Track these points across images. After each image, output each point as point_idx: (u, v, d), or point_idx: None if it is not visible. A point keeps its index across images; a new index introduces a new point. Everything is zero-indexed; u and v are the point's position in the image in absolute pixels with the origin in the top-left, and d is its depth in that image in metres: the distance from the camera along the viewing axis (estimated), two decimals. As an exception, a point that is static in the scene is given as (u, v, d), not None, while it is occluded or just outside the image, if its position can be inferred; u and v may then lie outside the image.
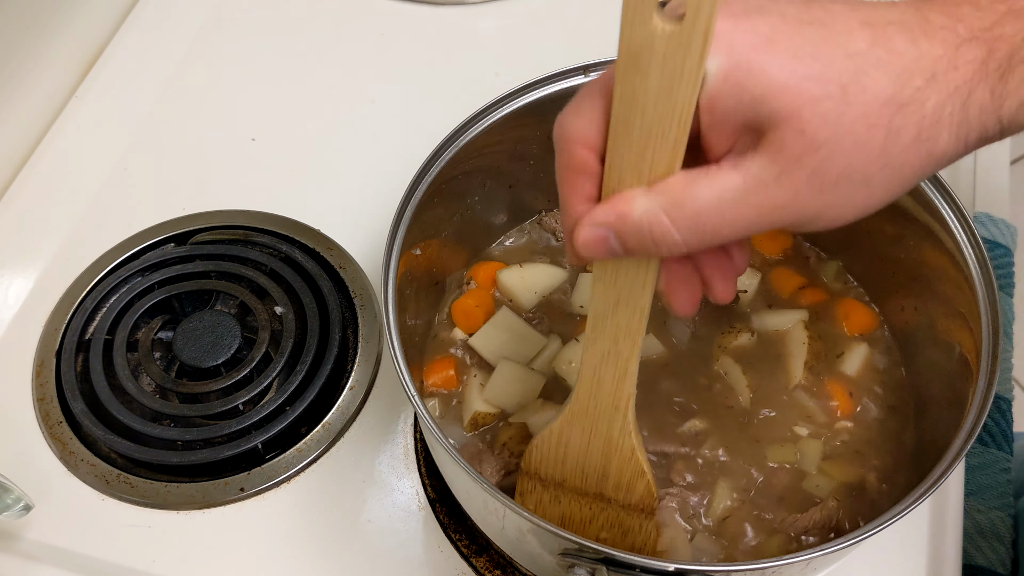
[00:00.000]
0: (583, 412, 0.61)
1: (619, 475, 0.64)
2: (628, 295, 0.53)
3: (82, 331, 0.88)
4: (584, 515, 0.67)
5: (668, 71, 0.44)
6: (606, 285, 0.53)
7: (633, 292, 0.53)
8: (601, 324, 0.55)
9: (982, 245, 0.68)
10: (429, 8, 1.17)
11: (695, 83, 0.44)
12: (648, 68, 0.44)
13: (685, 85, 0.44)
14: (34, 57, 1.06)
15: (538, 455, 0.66)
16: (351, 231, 0.96)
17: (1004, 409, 0.91)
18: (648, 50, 0.44)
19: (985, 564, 0.83)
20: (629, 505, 0.65)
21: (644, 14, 0.44)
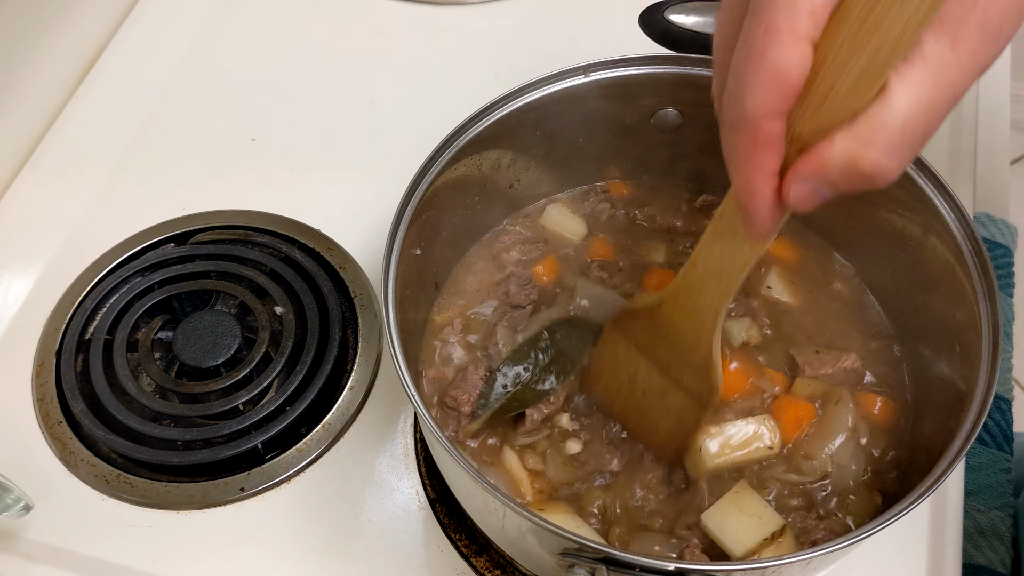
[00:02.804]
0: (679, 296, 0.65)
1: (692, 366, 0.67)
2: (738, 256, 0.60)
3: (82, 331, 0.88)
4: (649, 381, 0.71)
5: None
6: (720, 246, 0.60)
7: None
8: (710, 250, 0.61)
9: (982, 245, 0.68)
10: (429, 8, 1.17)
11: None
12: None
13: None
14: (34, 57, 1.06)
15: (631, 316, 0.71)
16: (351, 231, 0.96)
17: (1004, 409, 0.91)
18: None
19: (985, 563, 0.83)
20: (688, 388, 0.69)
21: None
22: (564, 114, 0.81)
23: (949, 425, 0.66)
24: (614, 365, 0.74)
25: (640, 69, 0.79)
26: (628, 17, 1.11)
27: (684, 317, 0.66)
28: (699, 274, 0.63)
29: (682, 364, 0.69)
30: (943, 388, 0.72)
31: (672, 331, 0.68)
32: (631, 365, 0.73)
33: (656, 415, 0.73)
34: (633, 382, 0.73)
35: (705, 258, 0.62)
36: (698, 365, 0.68)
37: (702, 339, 0.66)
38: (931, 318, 0.75)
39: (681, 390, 0.70)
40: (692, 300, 0.65)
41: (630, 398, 0.74)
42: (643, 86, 0.80)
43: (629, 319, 0.72)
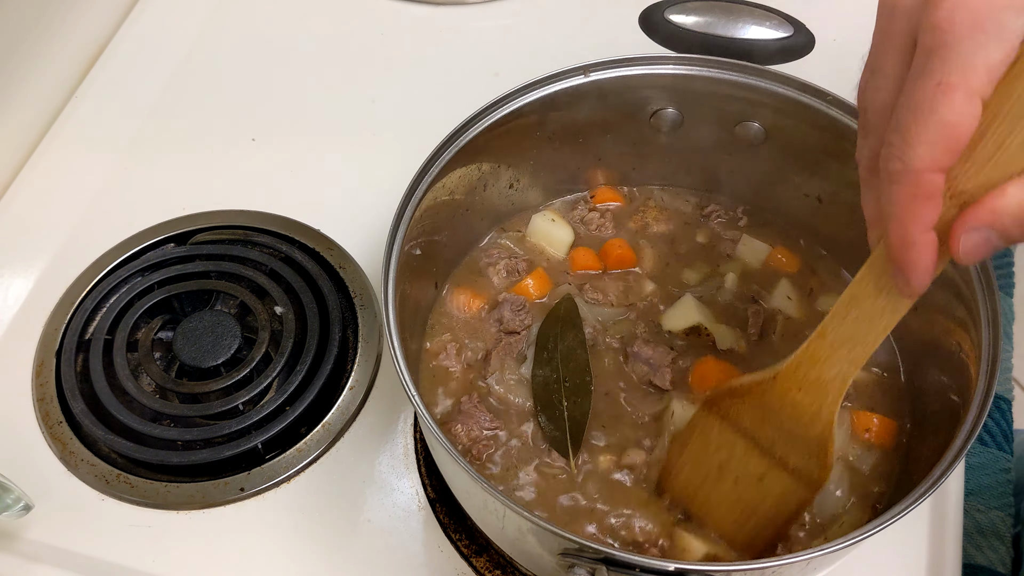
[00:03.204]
0: (800, 370, 0.63)
1: (805, 443, 0.65)
2: (878, 322, 0.58)
3: (82, 331, 0.88)
4: (746, 466, 0.68)
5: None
6: (858, 311, 0.58)
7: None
8: (844, 318, 0.59)
9: (982, 245, 0.68)
10: (429, 8, 1.17)
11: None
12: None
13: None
14: (34, 57, 1.06)
15: (732, 396, 0.67)
16: (351, 231, 0.96)
17: (1004, 409, 0.91)
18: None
19: (985, 563, 0.83)
20: (796, 468, 0.66)
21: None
22: (564, 114, 0.81)
23: (949, 425, 0.66)
24: (703, 451, 0.70)
25: (640, 69, 0.79)
26: (628, 17, 1.11)
27: (804, 391, 0.63)
28: (828, 343, 0.61)
29: (791, 442, 0.66)
30: (943, 388, 0.72)
31: (786, 407, 0.65)
32: (724, 449, 0.69)
33: (749, 504, 0.69)
34: (724, 469, 0.69)
35: (837, 327, 0.60)
36: (812, 441, 0.65)
37: (823, 412, 0.63)
38: (931, 318, 0.75)
39: (784, 472, 0.67)
40: (816, 372, 0.62)
41: (717, 488, 0.70)
42: (643, 86, 0.80)
43: (729, 399, 0.68)
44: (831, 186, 0.82)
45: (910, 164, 0.47)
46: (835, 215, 0.83)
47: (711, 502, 0.70)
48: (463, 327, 0.82)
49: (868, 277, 0.57)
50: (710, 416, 0.69)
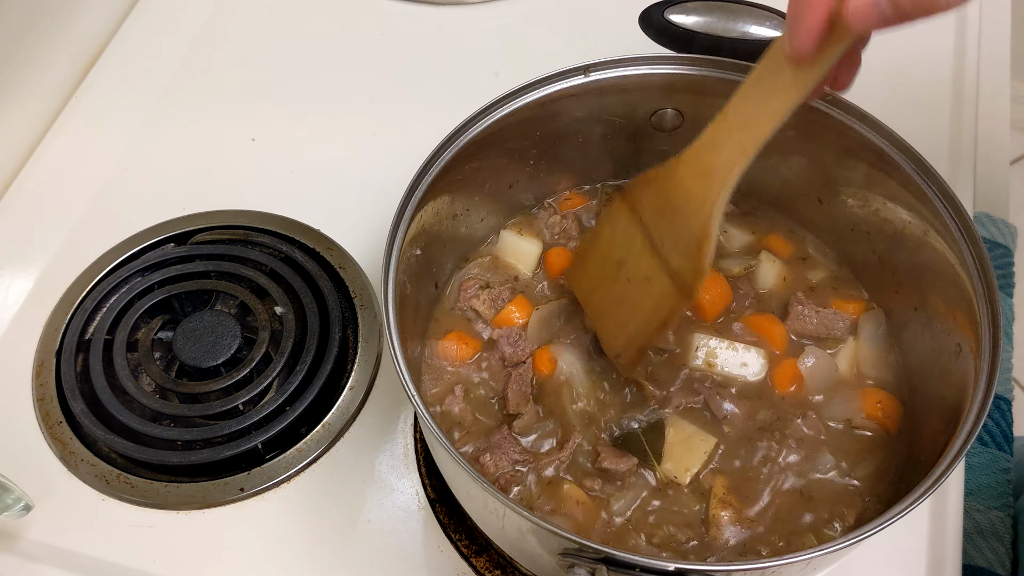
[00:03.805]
0: (698, 155, 0.64)
1: (687, 238, 0.65)
2: (773, 101, 0.59)
3: (82, 331, 0.88)
4: (638, 265, 0.69)
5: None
6: (758, 90, 0.60)
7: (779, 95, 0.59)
8: (745, 98, 0.61)
9: (982, 245, 0.68)
10: (429, 8, 1.17)
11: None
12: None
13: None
14: (34, 57, 1.06)
15: (644, 183, 0.69)
16: (351, 231, 0.96)
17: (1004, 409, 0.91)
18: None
19: (985, 565, 0.83)
20: (675, 271, 0.67)
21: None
22: (563, 114, 0.81)
23: (949, 425, 0.66)
24: (610, 243, 0.72)
25: (640, 69, 0.79)
26: (628, 17, 1.11)
27: (696, 178, 0.64)
28: (727, 126, 0.62)
29: (677, 238, 0.66)
30: (943, 388, 0.72)
31: (680, 196, 0.65)
32: (626, 244, 0.71)
33: (633, 306, 0.70)
34: (622, 266, 0.71)
35: (738, 107, 0.61)
36: (693, 237, 0.65)
37: (705, 203, 0.64)
38: (931, 318, 0.75)
39: (666, 275, 0.68)
40: (710, 157, 0.63)
41: (613, 287, 0.72)
42: (643, 86, 0.80)
43: (640, 187, 0.70)
44: (831, 185, 0.82)
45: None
46: (835, 214, 0.83)
47: (604, 300, 0.73)
48: (462, 375, 0.81)
49: (774, 55, 0.58)
50: (622, 205, 0.71)
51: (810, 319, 0.80)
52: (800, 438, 0.75)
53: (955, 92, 1.05)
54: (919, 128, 0.76)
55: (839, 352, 0.80)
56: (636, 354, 0.72)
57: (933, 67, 1.07)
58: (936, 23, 1.13)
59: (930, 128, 1.01)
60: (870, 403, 0.76)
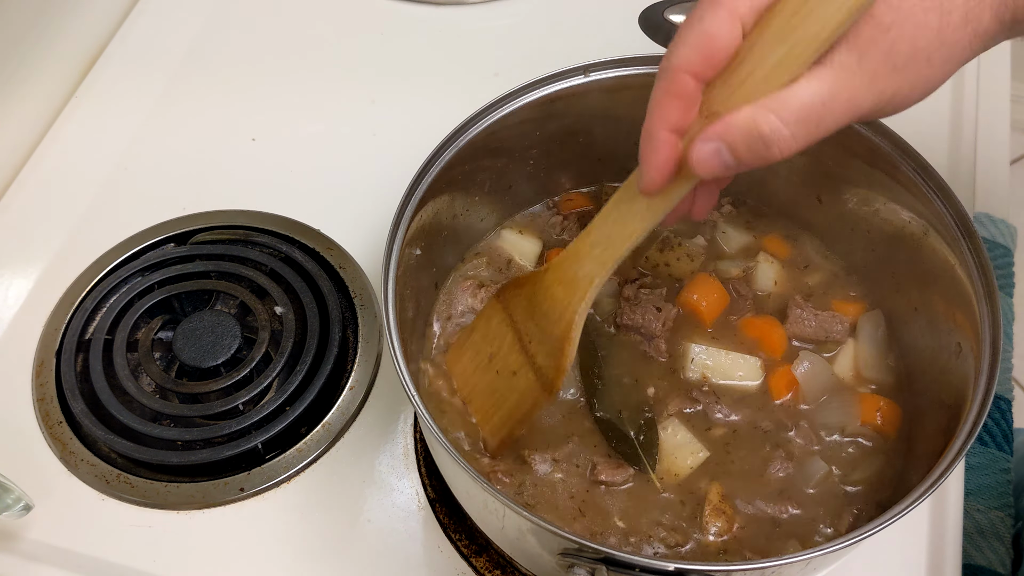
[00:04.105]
0: (563, 265, 0.68)
1: (551, 339, 0.69)
2: (629, 225, 0.63)
3: (82, 331, 0.88)
4: (507, 360, 0.74)
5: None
6: (617, 213, 0.64)
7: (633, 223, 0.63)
8: (606, 219, 0.65)
9: (982, 245, 0.68)
10: (429, 8, 1.17)
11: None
12: None
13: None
14: (34, 57, 1.06)
15: (516, 286, 0.73)
16: (351, 231, 0.96)
17: (1004, 409, 0.91)
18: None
19: (985, 564, 0.83)
20: (539, 367, 0.71)
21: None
22: (563, 114, 0.81)
23: (949, 425, 0.66)
24: (484, 337, 0.76)
25: (640, 69, 0.79)
26: (628, 17, 1.11)
27: (562, 285, 0.69)
28: (589, 242, 0.66)
29: (543, 338, 0.70)
30: (943, 388, 0.72)
31: (546, 300, 0.70)
32: (497, 339, 0.74)
33: (500, 397, 0.74)
34: (493, 359, 0.75)
35: (599, 226, 0.65)
36: (557, 339, 0.69)
37: (568, 309, 0.68)
38: (931, 318, 0.75)
39: (532, 371, 0.71)
40: (574, 268, 0.67)
41: (483, 377, 0.75)
42: (643, 86, 0.80)
43: (512, 289, 0.74)
44: (830, 185, 0.82)
45: (670, 62, 0.54)
46: (835, 213, 0.83)
47: (476, 388, 0.76)
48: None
49: (632, 183, 0.62)
50: (496, 305, 0.75)
51: (808, 322, 0.80)
52: (797, 445, 0.75)
53: (955, 92, 1.05)
54: (919, 128, 0.76)
55: (838, 354, 0.80)
56: (500, 444, 0.75)
57: (933, 67, 1.07)
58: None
59: (930, 128, 1.01)
60: (868, 409, 0.76)
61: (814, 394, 0.77)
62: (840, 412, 0.76)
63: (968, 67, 1.06)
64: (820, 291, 0.84)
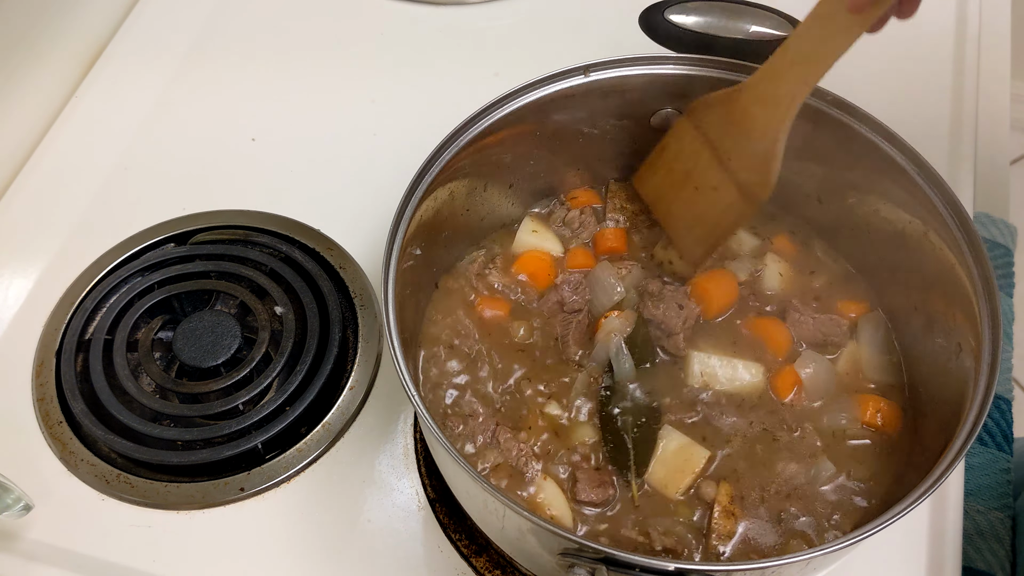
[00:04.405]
0: (760, 84, 0.69)
1: (754, 156, 0.71)
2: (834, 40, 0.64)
3: (82, 331, 0.88)
4: (706, 176, 0.75)
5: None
6: (818, 29, 0.64)
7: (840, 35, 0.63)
8: (806, 34, 0.65)
9: (982, 245, 0.68)
10: (429, 8, 1.17)
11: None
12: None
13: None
14: (34, 57, 1.06)
15: (706, 105, 0.74)
16: (351, 231, 0.96)
17: (1004, 409, 0.91)
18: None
19: (984, 567, 0.83)
20: (742, 183, 0.73)
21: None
22: (564, 114, 0.81)
23: (949, 425, 0.66)
24: (677, 156, 0.77)
25: (640, 69, 0.79)
26: (628, 17, 1.11)
27: (760, 105, 0.70)
28: (788, 60, 0.66)
29: (744, 155, 0.72)
30: (943, 388, 0.72)
31: (745, 119, 0.71)
32: (693, 158, 0.76)
33: (701, 211, 0.76)
34: (689, 176, 0.77)
35: (798, 44, 0.66)
36: (760, 156, 0.70)
37: (771, 127, 0.69)
38: (931, 318, 0.75)
39: (734, 185, 0.73)
40: (773, 87, 0.68)
41: (680, 193, 0.77)
42: (643, 86, 0.80)
43: (704, 108, 0.75)
44: (831, 185, 0.82)
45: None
46: (835, 213, 0.83)
47: (672, 205, 0.78)
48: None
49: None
50: (688, 123, 0.76)
51: (807, 325, 0.80)
52: (800, 446, 0.75)
53: (955, 92, 1.05)
54: (919, 128, 0.76)
55: (839, 356, 0.80)
56: (704, 254, 0.78)
57: (933, 67, 1.07)
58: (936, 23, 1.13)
59: (930, 128, 1.01)
60: (869, 410, 0.76)
61: (818, 394, 0.77)
62: (843, 413, 0.76)
63: (968, 67, 1.06)
64: (825, 293, 0.84)
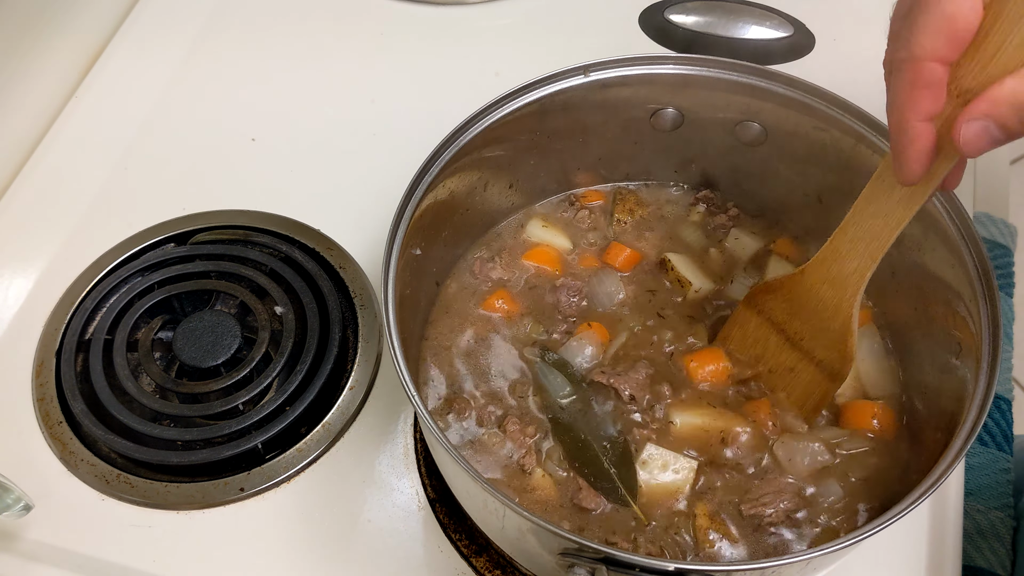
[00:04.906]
0: (823, 266, 0.69)
1: (829, 335, 0.71)
2: (893, 215, 0.64)
3: (82, 331, 0.88)
4: (778, 359, 0.75)
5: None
6: (875, 206, 0.64)
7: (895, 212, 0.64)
8: (862, 214, 0.65)
9: (982, 245, 0.68)
10: (429, 8, 1.17)
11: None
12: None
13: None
14: (34, 57, 1.06)
15: (767, 291, 0.74)
16: (351, 231, 0.96)
17: (1004, 409, 0.91)
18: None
19: (985, 566, 0.83)
20: (821, 361, 0.73)
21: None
22: (564, 114, 0.81)
23: (949, 425, 0.66)
24: (742, 344, 0.77)
25: (640, 69, 0.79)
26: (628, 17, 1.11)
27: (827, 285, 0.70)
28: (848, 239, 0.67)
29: (817, 335, 0.72)
30: (943, 388, 0.72)
31: (812, 300, 0.71)
32: (761, 343, 0.76)
33: (785, 390, 0.76)
34: (761, 360, 0.77)
35: (857, 223, 0.66)
36: (835, 333, 0.70)
37: (843, 305, 0.69)
38: (931, 318, 0.75)
39: (812, 364, 0.73)
40: (837, 267, 0.68)
41: (758, 373, 0.77)
42: (643, 86, 0.80)
43: (764, 295, 0.75)
44: (831, 185, 0.82)
45: (912, 52, 0.52)
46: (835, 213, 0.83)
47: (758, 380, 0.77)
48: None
49: (884, 175, 0.63)
50: (748, 311, 0.76)
51: None
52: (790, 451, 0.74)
53: (955, 92, 1.05)
54: (919, 128, 0.76)
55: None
56: (805, 419, 0.76)
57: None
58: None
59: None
60: (864, 416, 0.76)
61: (799, 473, 0.74)
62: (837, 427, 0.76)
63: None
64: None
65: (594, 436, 0.75)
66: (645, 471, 0.73)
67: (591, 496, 0.72)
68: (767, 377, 0.77)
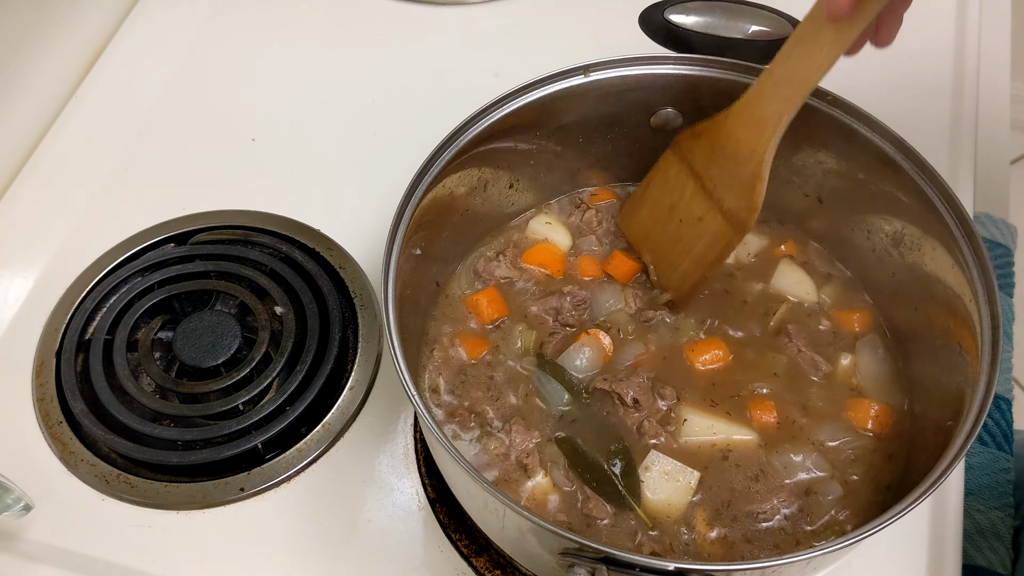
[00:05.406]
0: (746, 108, 0.70)
1: (740, 181, 0.71)
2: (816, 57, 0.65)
3: (82, 331, 0.88)
4: (690, 208, 0.76)
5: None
6: (800, 48, 0.65)
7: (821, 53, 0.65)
8: (788, 56, 0.66)
9: (982, 245, 0.68)
10: (429, 8, 1.17)
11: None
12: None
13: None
14: (34, 57, 1.06)
15: (692, 136, 0.75)
16: (351, 231, 0.96)
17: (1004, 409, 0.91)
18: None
19: (985, 564, 0.83)
20: (728, 210, 0.73)
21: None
22: (564, 114, 0.81)
23: (949, 425, 0.66)
24: (662, 190, 0.78)
25: (640, 69, 0.79)
26: (628, 17, 1.11)
27: (746, 128, 0.70)
28: (773, 81, 0.68)
29: (730, 181, 0.72)
30: (942, 388, 0.72)
31: (730, 144, 0.72)
32: (678, 190, 0.77)
33: (686, 244, 0.76)
34: (674, 209, 0.77)
35: (783, 64, 0.67)
36: (746, 180, 0.71)
37: (757, 149, 0.70)
38: (931, 318, 0.75)
39: (720, 214, 0.74)
40: (759, 109, 0.69)
41: (665, 228, 0.78)
42: (643, 86, 0.80)
43: (689, 139, 0.76)
44: (831, 185, 0.82)
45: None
46: (835, 213, 0.83)
47: (659, 242, 0.79)
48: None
49: (815, 15, 0.63)
50: (673, 156, 0.77)
51: (796, 355, 0.80)
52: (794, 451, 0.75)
53: (955, 92, 1.05)
54: (919, 128, 0.76)
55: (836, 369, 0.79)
56: (691, 288, 0.78)
57: (933, 67, 1.07)
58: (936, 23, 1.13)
59: (930, 128, 1.01)
60: (862, 415, 0.76)
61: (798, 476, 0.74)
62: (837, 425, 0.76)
63: (968, 67, 1.07)
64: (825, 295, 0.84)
65: (596, 441, 0.75)
66: (648, 475, 0.73)
67: (599, 505, 0.72)
68: (675, 230, 0.77)
